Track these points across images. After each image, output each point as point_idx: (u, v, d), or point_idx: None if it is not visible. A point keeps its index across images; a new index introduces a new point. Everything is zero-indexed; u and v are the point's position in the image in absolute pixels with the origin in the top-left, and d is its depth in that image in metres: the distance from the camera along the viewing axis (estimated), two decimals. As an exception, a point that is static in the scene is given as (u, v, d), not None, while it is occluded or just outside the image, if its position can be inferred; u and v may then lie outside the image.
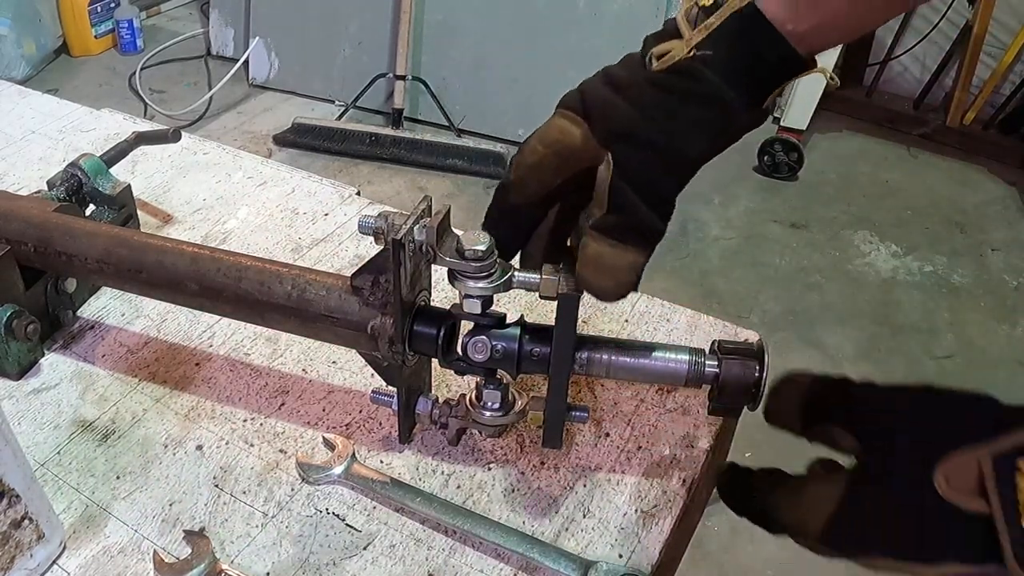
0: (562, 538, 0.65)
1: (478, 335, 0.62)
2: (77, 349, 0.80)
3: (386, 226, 0.61)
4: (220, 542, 0.63)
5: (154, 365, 0.79)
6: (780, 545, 0.53)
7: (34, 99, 1.21)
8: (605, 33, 2.75)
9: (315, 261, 0.92)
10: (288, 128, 2.87)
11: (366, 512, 0.66)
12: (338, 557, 0.63)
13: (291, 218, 0.99)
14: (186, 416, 0.74)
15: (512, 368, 0.63)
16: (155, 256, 0.71)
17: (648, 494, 0.68)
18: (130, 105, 3.05)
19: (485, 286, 0.60)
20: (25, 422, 0.73)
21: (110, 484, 0.68)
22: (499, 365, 0.63)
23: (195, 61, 3.38)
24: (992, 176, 2.89)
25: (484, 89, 2.92)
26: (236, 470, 0.69)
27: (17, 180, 1.02)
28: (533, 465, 0.71)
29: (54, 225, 0.74)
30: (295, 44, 3.12)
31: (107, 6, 3.38)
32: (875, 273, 2.49)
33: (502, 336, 0.62)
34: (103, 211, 0.87)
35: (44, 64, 3.28)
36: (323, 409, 0.75)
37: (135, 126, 1.12)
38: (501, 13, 2.82)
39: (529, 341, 0.62)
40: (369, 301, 0.65)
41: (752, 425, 0.65)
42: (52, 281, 0.79)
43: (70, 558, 0.62)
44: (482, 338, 0.62)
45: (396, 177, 2.79)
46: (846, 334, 2.22)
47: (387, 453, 0.71)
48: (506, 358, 0.62)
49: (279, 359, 0.80)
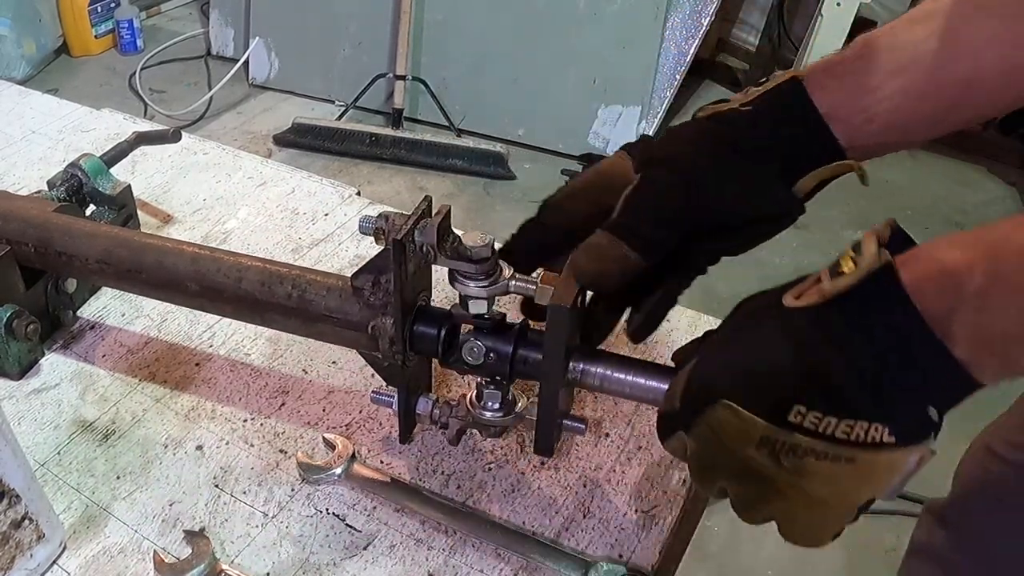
0: (562, 538, 0.65)
1: (474, 338, 0.62)
2: (77, 349, 0.80)
3: (387, 226, 0.61)
4: (220, 542, 0.63)
5: (154, 365, 0.79)
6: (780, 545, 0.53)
7: (34, 99, 1.21)
8: (605, 33, 2.75)
9: (315, 261, 0.92)
10: (288, 128, 2.87)
11: (366, 512, 0.66)
12: (338, 557, 0.63)
13: (291, 218, 0.99)
14: (186, 416, 0.74)
15: (505, 373, 0.63)
16: (155, 256, 0.71)
17: (648, 494, 0.68)
18: (130, 105, 3.04)
19: (484, 288, 0.60)
20: (25, 422, 0.73)
21: (110, 484, 0.68)
22: (492, 370, 0.63)
23: (195, 61, 3.37)
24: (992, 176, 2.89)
25: (484, 89, 2.92)
26: (236, 470, 0.69)
27: (17, 180, 1.02)
28: (533, 465, 0.71)
29: (54, 225, 0.74)
30: (295, 44, 3.11)
31: (107, 6, 3.38)
32: (875, 273, 2.48)
33: (497, 340, 0.62)
34: (103, 211, 0.87)
35: (44, 64, 3.27)
36: (323, 409, 0.75)
37: (135, 126, 1.12)
38: (501, 13, 2.82)
39: (524, 347, 0.62)
40: (370, 301, 0.65)
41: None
42: (52, 281, 0.79)
43: (70, 558, 0.62)
44: (477, 342, 0.62)
45: (396, 177, 2.79)
46: (846, 334, 2.22)
47: (387, 453, 0.71)
48: (499, 363, 0.62)
49: (279, 359, 0.80)
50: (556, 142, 2.90)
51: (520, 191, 2.75)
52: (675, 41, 2.82)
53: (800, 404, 0.45)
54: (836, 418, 0.45)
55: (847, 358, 0.44)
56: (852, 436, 0.45)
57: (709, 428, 0.49)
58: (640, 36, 2.74)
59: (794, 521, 0.51)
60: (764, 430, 0.46)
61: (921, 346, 0.43)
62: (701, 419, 0.49)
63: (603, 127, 2.84)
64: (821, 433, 0.45)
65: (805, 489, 0.47)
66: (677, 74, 2.86)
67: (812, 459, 0.46)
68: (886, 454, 0.45)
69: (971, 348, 0.42)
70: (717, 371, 0.50)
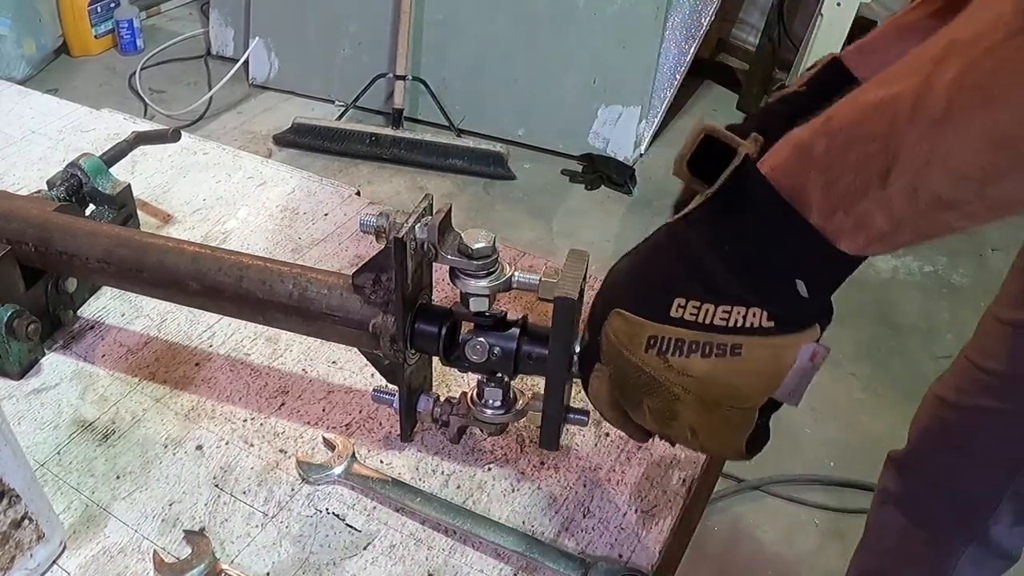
0: (562, 538, 0.65)
1: (476, 336, 0.62)
2: (77, 349, 0.80)
3: (388, 224, 0.61)
4: (220, 542, 0.63)
5: (154, 365, 0.79)
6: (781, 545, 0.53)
7: (34, 99, 1.21)
8: (605, 33, 2.75)
9: (315, 261, 0.92)
10: (288, 128, 2.87)
11: (366, 512, 0.66)
12: (338, 557, 0.63)
13: (291, 218, 0.99)
14: (186, 416, 0.74)
15: (509, 370, 0.63)
16: (156, 255, 0.71)
17: (648, 494, 0.68)
18: (130, 105, 3.04)
19: (486, 285, 0.60)
20: (25, 422, 0.73)
21: (110, 484, 0.68)
22: (497, 367, 0.63)
23: (195, 61, 3.37)
24: (992, 176, 2.89)
25: (484, 89, 2.91)
26: (236, 470, 0.69)
27: (17, 180, 1.02)
28: (533, 465, 0.71)
29: (55, 225, 0.74)
30: (295, 44, 3.11)
31: (107, 6, 3.37)
32: (875, 273, 2.48)
33: (500, 337, 0.62)
34: (103, 211, 0.87)
35: (44, 64, 3.27)
36: (323, 409, 0.75)
37: (135, 126, 1.12)
38: (501, 13, 2.82)
39: (528, 343, 0.62)
40: (371, 299, 0.65)
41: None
42: (52, 281, 0.79)
43: (70, 558, 0.62)
44: (480, 339, 0.62)
45: (396, 177, 2.79)
46: (846, 334, 2.22)
47: (387, 453, 0.71)
48: (503, 360, 0.62)
49: (279, 359, 0.80)
50: (556, 142, 2.90)
51: (520, 191, 2.75)
52: (675, 41, 2.82)
53: (680, 297, 0.47)
54: (713, 305, 0.46)
55: (717, 245, 0.47)
56: (730, 322, 0.46)
57: (608, 342, 0.51)
58: (640, 36, 2.74)
59: (700, 429, 0.51)
60: (650, 329, 0.48)
61: (779, 220, 0.44)
62: (602, 337, 0.52)
63: (603, 127, 2.84)
64: (701, 323, 0.47)
65: (699, 393, 0.49)
66: (677, 74, 2.86)
67: (698, 356, 0.47)
68: (768, 340, 0.46)
69: (824, 211, 0.43)
70: (609, 287, 0.53)
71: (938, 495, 1.05)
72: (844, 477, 1.81)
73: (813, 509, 1.76)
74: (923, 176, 0.40)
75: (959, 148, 0.38)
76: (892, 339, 2.26)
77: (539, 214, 2.65)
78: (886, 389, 2.06)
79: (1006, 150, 0.37)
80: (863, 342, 2.23)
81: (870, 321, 2.31)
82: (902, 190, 0.41)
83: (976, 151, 0.38)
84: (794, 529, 1.72)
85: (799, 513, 1.75)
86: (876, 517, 1.15)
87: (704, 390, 0.49)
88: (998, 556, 1.04)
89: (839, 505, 1.76)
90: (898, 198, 0.41)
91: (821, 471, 1.83)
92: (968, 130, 0.38)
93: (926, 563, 1.07)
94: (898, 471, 1.09)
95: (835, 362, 2.14)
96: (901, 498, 1.09)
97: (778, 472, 1.80)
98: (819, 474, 1.82)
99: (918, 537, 1.07)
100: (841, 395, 2.03)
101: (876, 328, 2.29)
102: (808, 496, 1.78)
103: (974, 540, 1.02)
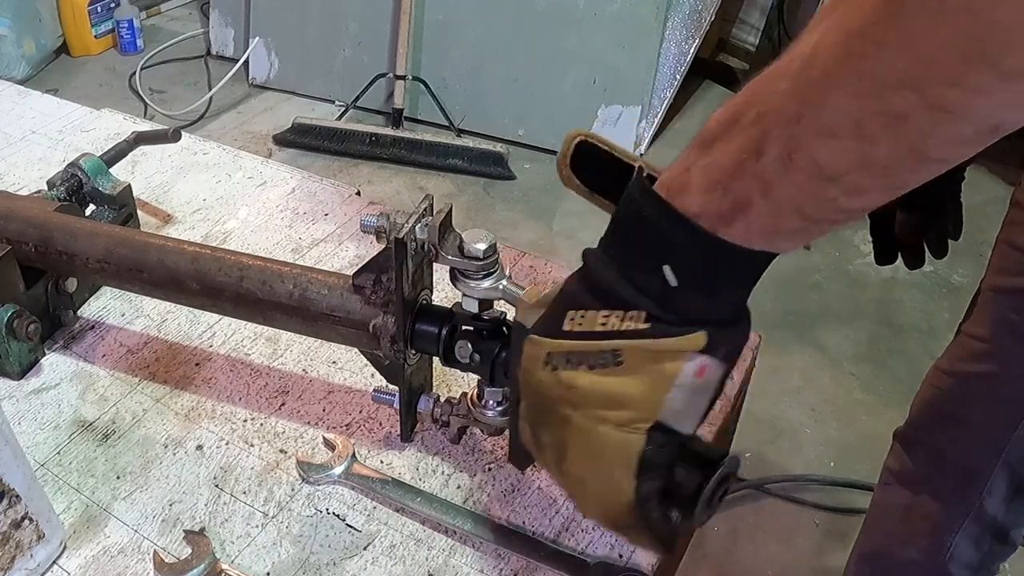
0: (562, 538, 0.65)
1: (463, 338, 0.62)
2: (77, 349, 0.80)
3: (388, 225, 0.61)
4: (220, 542, 0.63)
5: (154, 365, 0.79)
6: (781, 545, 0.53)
7: (34, 99, 1.21)
8: (605, 33, 2.74)
9: (315, 261, 0.92)
10: (288, 128, 2.87)
11: (366, 512, 0.66)
12: (338, 557, 0.63)
13: (291, 218, 0.99)
14: (186, 416, 0.74)
15: (487, 376, 0.62)
16: (156, 255, 0.71)
17: (649, 494, 0.68)
18: (130, 105, 3.04)
19: (486, 286, 0.60)
20: (25, 422, 0.73)
21: (110, 484, 0.68)
22: (478, 371, 0.63)
23: (195, 61, 3.37)
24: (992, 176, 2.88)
25: (484, 89, 2.91)
26: (236, 470, 0.69)
27: (17, 180, 1.02)
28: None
29: (55, 225, 0.74)
30: (295, 44, 3.11)
31: (107, 6, 3.37)
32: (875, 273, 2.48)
33: (485, 342, 0.62)
34: (103, 211, 0.87)
35: (44, 64, 3.27)
36: (323, 409, 0.75)
37: (135, 126, 1.12)
38: (501, 13, 2.82)
39: (509, 353, 0.61)
40: (371, 300, 0.65)
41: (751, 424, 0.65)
42: (53, 281, 0.79)
43: (70, 558, 0.62)
44: (465, 342, 0.62)
45: (396, 177, 2.79)
46: (846, 334, 2.22)
47: (387, 453, 0.71)
48: (482, 366, 0.62)
49: (279, 359, 0.80)
50: (556, 142, 2.87)
51: (520, 191, 2.75)
52: (675, 41, 2.81)
53: (573, 310, 0.46)
54: (596, 311, 0.45)
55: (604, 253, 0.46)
56: (609, 325, 0.44)
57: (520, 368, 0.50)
58: (640, 36, 2.74)
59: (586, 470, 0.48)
60: (547, 346, 0.47)
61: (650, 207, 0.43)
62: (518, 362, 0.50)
63: (603, 127, 2.84)
64: (587, 332, 0.45)
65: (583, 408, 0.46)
66: (677, 74, 2.86)
67: (585, 368, 0.46)
68: (645, 344, 0.44)
69: (701, 195, 0.41)
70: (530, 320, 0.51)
71: (935, 465, 1.05)
72: (844, 477, 1.81)
73: (813, 509, 1.76)
74: (795, 138, 0.37)
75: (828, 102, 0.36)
76: (892, 339, 2.26)
77: (539, 214, 2.65)
78: (886, 389, 2.06)
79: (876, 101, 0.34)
80: (863, 342, 2.23)
81: (870, 321, 2.31)
82: (777, 158, 0.38)
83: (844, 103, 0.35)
84: (794, 529, 1.72)
85: (799, 513, 1.75)
86: (878, 498, 1.15)
87: (587, 402, 0.46)
88: (994, 535, 1.04)
89: (839, 505, 1.76)
90: (773, 168, 0.38)
91: (821, 471, 1.83)
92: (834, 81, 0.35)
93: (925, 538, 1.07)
94: (900, 445, 1.10)
95: (835, 362, 2.14)
96: (901, 473, 1.09)
97: (778, 472, 1.80)
98: (819, 474, 1.82)
99: (918, 512, 1.07)
100: (841, 395, 2.03)
101: (876, 328, 2.29)
102: (808, 496, 1.78)
103: (969, 514, 1.02)
